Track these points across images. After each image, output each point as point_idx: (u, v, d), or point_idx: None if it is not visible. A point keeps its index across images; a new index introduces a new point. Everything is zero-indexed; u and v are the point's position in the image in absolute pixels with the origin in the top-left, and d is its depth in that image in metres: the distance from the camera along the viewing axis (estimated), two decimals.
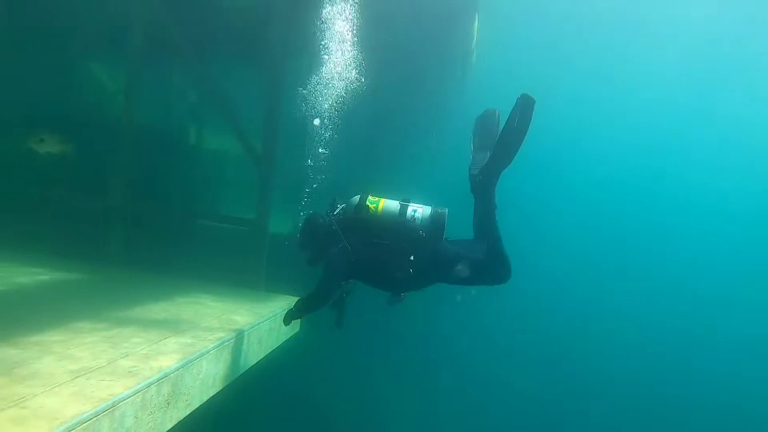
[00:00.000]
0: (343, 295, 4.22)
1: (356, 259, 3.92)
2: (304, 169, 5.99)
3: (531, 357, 16.76)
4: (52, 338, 3.86)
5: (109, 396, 2.94)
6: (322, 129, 6.13)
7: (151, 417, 3.36)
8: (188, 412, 3.97)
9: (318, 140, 6.10)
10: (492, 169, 3.74)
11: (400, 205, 3.96)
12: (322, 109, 6.18)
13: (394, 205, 3.97)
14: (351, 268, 3.96)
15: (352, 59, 6.54)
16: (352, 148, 7.62)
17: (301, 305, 4.19)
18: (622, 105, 26.20)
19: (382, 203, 3.97)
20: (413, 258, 3.84)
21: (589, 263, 21.15)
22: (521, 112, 3.60)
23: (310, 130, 6.20)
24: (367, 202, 3.98)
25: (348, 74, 6.47)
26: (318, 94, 6.24)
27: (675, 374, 17.56)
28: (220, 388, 4.61)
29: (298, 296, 4.29)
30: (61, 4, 8.66)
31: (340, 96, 6.28)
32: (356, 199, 4.04)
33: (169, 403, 3.61)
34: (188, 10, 8.40)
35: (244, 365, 5.26)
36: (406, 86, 9.81)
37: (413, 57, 9.19)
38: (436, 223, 3.91)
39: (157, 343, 4.20)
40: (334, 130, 6.15)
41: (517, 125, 3.61)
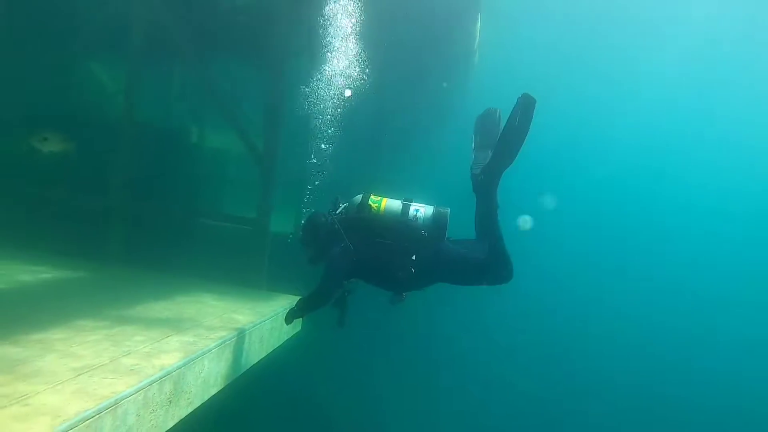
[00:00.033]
0: (345, 294, 4.21)
1: (358, 259, 3.92)
2: (306, 167, 5.97)
3: (532, 357, 16.76)
4: (55, 336, 3.87)
5: (112, 394, 2.95)
6: (324, 127, 6.13)
7: (153, 415, 3.36)
8: (190, 411, 3.97)
9: (320, 138, 6.09)
10: (494, 169, 3.73)
11: (402, 205, 3.95)
12: (324, 107, 6.17)
13: (397, 204, 3.96)
14: (353, 267, 3.96)
15: (354, 58, 6.53)
16: (355, 147, 7.61)
17: (303, 304, 4.19)
18: (623, 105, 26.18)
19: (385, 203, 3.97)
20: (415, 257, 3.84)
21: (591, 263, 21.14)
22: (522, 112, 3.59)
23: (312, 128, 6.19)
24: (370, 202, 3.97)
25: (350, 73, 6.46)
26: (320, 92, 6.23)
27: (675, 374, 17.55)
28: (222, 386, 4.61)
29: (300, 295, 4.29)
30: (61, 4, 8.67)
31: (342, 94, 6.27)
32: (358, 198, 4.04)
33: (171, 402, 3.62)
34: (188, 8, 8.40)
35: (245, 364, 5.27)
36: (409, 85, 9.82)
37: (416, 56, 9.19)
38: (438, 223, 3.91)
39: (159, 341, 4.20)
40: (336, 128, 6.14)
41: (518, 125, 3.61)
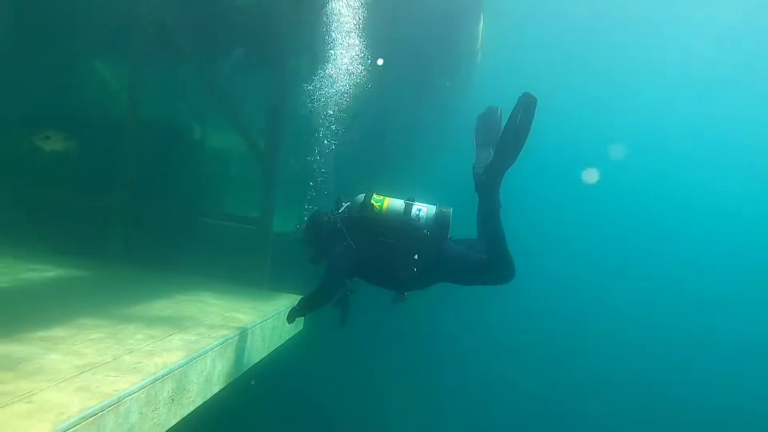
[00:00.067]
0: (347, 293, 4.21)
1: (360, 258, 3.92)
2: (308, 166, 5.98)
3: (534, 357, 16.76)
4: (57, 334, 3.88)
5: (114, 392, 2.95)
6: (327, 126, 6.13)
7: (155, 413, 3.37)
8: (192, 409, 3.98)
9: (322, 137, 6.09)
10: (496, 168, 3.72)
11: (404, 204, 3.95)
12: (327, 106, 6.17)
13: (399, 203, 3.96)
14: (355, 266, 3.96)
15: (356, 57, 6.54)
16: (357, 146, 7.61)
17: (305, 303, 4.19)
18: (627, 105, 26.15)
19: (387, 202, 3.96)
20: (417, 257, 3.83)
21: (593, 263, 21.13)
22: (524, 111, 3.59)
23: (314, 127, 6.20)
24: (372, 201, 3.97)
25: (352, 72, 6.46)
26: (322, 91, 6.24)
27: (675, 374, 17.55)
28: (224, 385, 4.62)
29: (302, 295, 4.29)
30: (64, 3, 8.68)
31: (345, 93, 6.27)
32: (361, 197, 4.04)
33: (173, 400, 3.62)
34: (192, 7, 8.41)
35: (247, 363, 5.27)
36: (411, 85, 9.81)
37: (418, 56, 9.18)
38: (440, 223, 3.90)
39: (161, 339, 4.21)
40: (338, 127, 6.14)
41: (519, 123, 3.60)
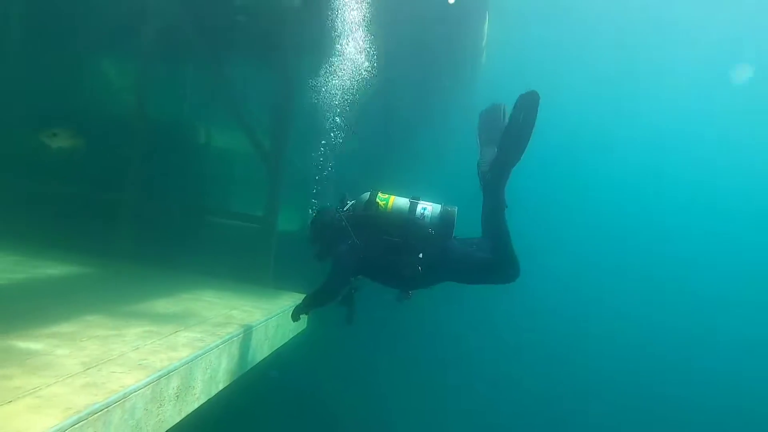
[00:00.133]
0: (352, 291, 4.22)
1: (365, 256, 3.91)
2: (313, 165, 5.99)
3: (539, 355, 16.72)
4: (64, 331, 3.91)
5: (120, 387, 2.97)
6: (332, 124, 6.14)
7: (160, 409, 3.39)
8: (197, 406, 4.00)
9: (327, 136, 6.11)
10: (501, 166, 3.71)
11: (409, 203, 3.94)
12: (332, 105, 6.18)
13: (404, 202, 3.95)
14: (360, 264, 3.96)
15: (361, 56, 6.54)
16: (362, 144, 7.63)
17: (309, 300, 4.21)
18: (632, 105, 26.04)
19: (392, 200, 3.96)
20: (422, 256, 3.83)
21: (598, 263, 21.06)
22: (527, 108, 3.58)
23: (319, 125, 6.21)
24: (377, 199, 3.96)
25: (357, 71, 6.47)
26: (328, 90, 6.25)
27: (679, 374, 17.48)
28: (228, 383, 4.64)
29: (306, 293, 4.31)
30: (71, 1, 8.72)
31: (351, 93, 6.28)
32: (366, 195, 4.03)
33: (178, 396, 3.64)
34: (199, 6, 8.44)
35: (251, 361, 5.29)
36: (416, 84, 9.81)
37: (423, 55, 9.19)
38: (445, 221, 3.89)
39: (167, 337, 4.24)
40: (344, 126, 6.15)
41: (522, 121, 3.59)
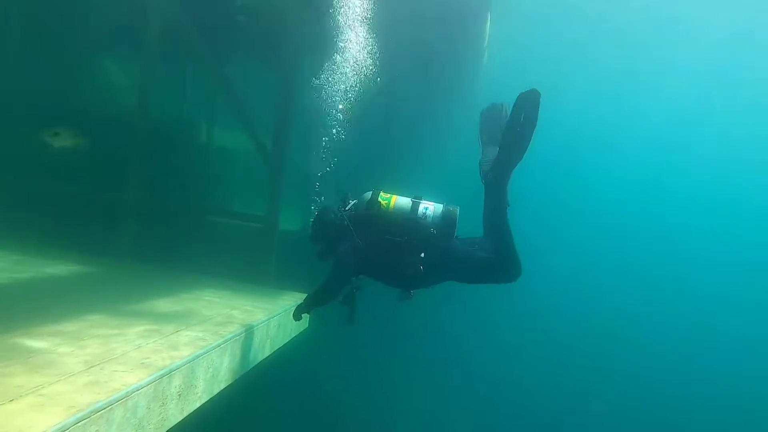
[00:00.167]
0: (353, 290, 4.22)
1: (367, 255, 3.92)
2: (315, 164, 5.99)
3: (540, 355, 16.74)
4: (66, 329, 3.92)
5: (123, 386, 2.98)
6: (334, 124, 6.14)
7: (162, 408, 3.39)
8: (198, 405, 4.00)
9: (329, 136, 6.11)
10: (502, 166, 3.72)
11: (411, 202, 3.94)
12: (335, 103, 6.19)
13: (406, 201, 3.95)
14: (361, 264, 3.96)
15: (363, 56, 6.54)
16: (364, 144, 7.63)
17: (311, 300, 4.21)
18: (632, 105, 26.04)
19: (394, 200, 3.96)
20: (424, 255, 3.83)
21: (599, 263, 21.06)
22: (528, 107, 3.58)
23: (321, 125, 6.21)
24: (379, 199, 3.96)
25: (359, 71, 6.47)
26: (330, 89, 6.25)
27: (678, 374, 17.48)
28: (230, 382, 4.64)
29: (308, 293, 4.31)
30: (71, 1, 8.73)
31: (353, 93, 6.29)
32: (368, 195, 4.02)
33: (180, 395, 3.65)
34: (200, 6, 8.44)
35: (253, 360, 5.30)
36: (418, 83, 9.82)
37: (425, 55, 9.19)
38: (447, 221, 3.89)
39: (169, 336, 4.24)
40: (346, 126, 6.15)
41: (524, 120, 3.59)
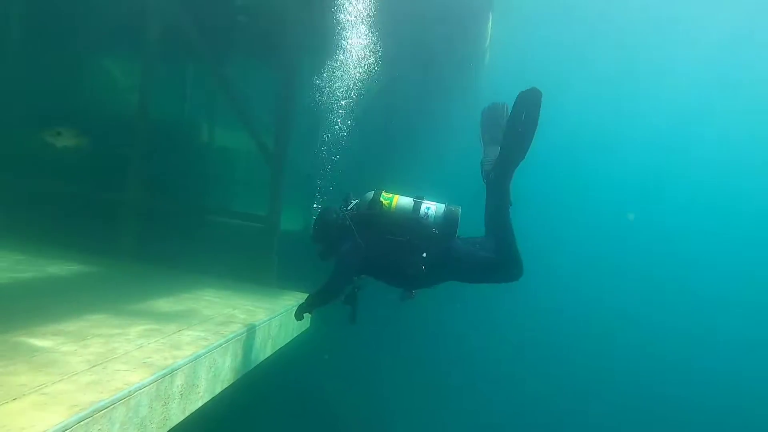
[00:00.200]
0: (355, 290, 4.22)
1: (369, 255, 3.92)
2: (316, 164, 6.01)
3: (541, 355, 16.72)
4: (69, 329, 3.92)
5: (125, 385, 2.99)
6: (335, 124, 6.15)
7: (164, 408, 3.40)
8: (200, 405, 4.01)
9: (330, 135, 6.12)
10: (504, 165, 3.72)
11: (413, 202, 3.94)
12: (337, 105, 6.20)
13: (408, 201, 3.96)
14: (363, 263, 3.97)
15: (364, 56, 6.55)
16: (365, 144, 7.64)
17: (312, 299, 4.22)
18: (633, 105, 26.02)
19: (396, 200, 3.96)
20: (425, 255, 3.83)
21: (601, 262, 21.05)
22: (529, 106, 3.58)
23: (322, 125, 6.22)
24: (381, 198, 3.96)
25: (361, 71, 6.48)
26: (331, 89, 6.26)
27: (678, 374, 17.47)
28: (232, 381, 4.65)
29: (309, 292, 4.32)
30: (72, 1, 8.73)
31: (353, 93, 6.30)
32: (370, 194, 4.03)
33: (182, 395, 3.65)
34: (202, 6, 8.45)
35: (255, 360, 5.31)
36: (420, 83, 9.82)
37: (427, 54, 9.19)
38: (449, 221, 3.90)
39: (170, 335, 4.25)
40: (347, 126, 6.16)
41: (525, 119, 3.59)
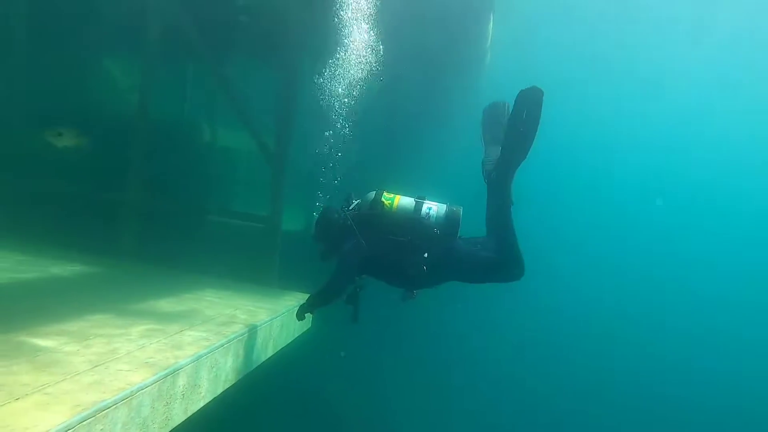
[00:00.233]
0: (357, 290, 4.22)
1: (370, 255, 3.92)
2: (317, 165, 6.00)
3: (543, 355, 16.72)
4: (71, 329, 3.93)
5: (127, 385, 2.99)
6: (336, 124, 6.15)
7: (166, 408, 3.40)
8: (202, 405, 4.02)
9: (332, 135, 6.12)
10: (505, 165, 3.72)
11: (415, 203, 3.94)
12: (339, 104, 6.20)
13: (409, 202, 3.96)
14: (365, 263, 3.97)
15: (365, 56, 6.55)
16: (367, 144, 7.63)
17: (314, 299, 4.22)
18: (634, 105, 26.00)
19: (398, 200, 3.96)
20: (427, 255, 3.83)
21: (602, 263, 21.03)
22: (530, 105, 3.58)
23: (323, 125, 6.22)
24: (383, 198, 3.96)
25: (362, 72, 6.48)
26: (332, 90, 6.26)
27: (679, 374, 17.46)
28: (234, 382, 4.65)
29: (311, 292, 4.32)
30: (73, 2, 8.74)
31: (355, 92, 6.30)
32: (371, 194, 4.03)
33: (184, 395, 3.66)
34: (202, 6, 8.45)
35: (256, 360, 5.31)
36: (421, 83, 9.82)
37: (428, 55, 9.19)
38: (450, 221, 3.90)
39: (172, 335, 4.25)
40: (348, 126, 6.16)
41: (527, 119, 3.59)
